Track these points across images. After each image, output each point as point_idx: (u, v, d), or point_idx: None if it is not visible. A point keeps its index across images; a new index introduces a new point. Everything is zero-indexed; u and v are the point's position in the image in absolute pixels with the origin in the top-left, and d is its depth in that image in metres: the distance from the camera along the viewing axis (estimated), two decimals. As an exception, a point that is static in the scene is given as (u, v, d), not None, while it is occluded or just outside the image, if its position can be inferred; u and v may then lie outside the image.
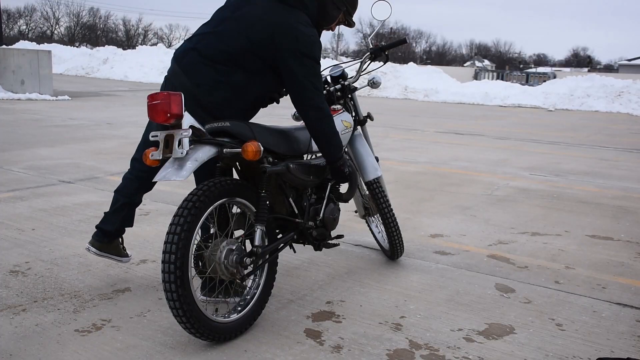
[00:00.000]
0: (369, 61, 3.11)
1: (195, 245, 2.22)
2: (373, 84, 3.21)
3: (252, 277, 2.51)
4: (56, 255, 3.31)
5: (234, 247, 2.32)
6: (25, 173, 5.48)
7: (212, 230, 2.39)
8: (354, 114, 3.12)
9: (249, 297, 2.49)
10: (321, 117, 2.49)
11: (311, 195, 2.77)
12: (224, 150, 2.27)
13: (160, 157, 2.16)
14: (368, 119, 3.20)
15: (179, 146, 2.12)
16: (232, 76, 2.45)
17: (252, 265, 2.39)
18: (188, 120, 2.17)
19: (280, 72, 2.47)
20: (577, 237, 4.06)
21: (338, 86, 3.03)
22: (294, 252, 2.82)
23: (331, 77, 3.07)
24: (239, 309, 2.44)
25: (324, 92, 3.03)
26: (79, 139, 7.79)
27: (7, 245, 3.45)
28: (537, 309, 2.81)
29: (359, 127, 3.18)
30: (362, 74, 3.09)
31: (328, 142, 2.56)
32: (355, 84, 3.16)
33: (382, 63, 3.18)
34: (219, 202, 2.26)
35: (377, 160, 3.15)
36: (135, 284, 2.94)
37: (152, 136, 2.20)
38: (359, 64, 3.13)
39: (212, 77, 2.44)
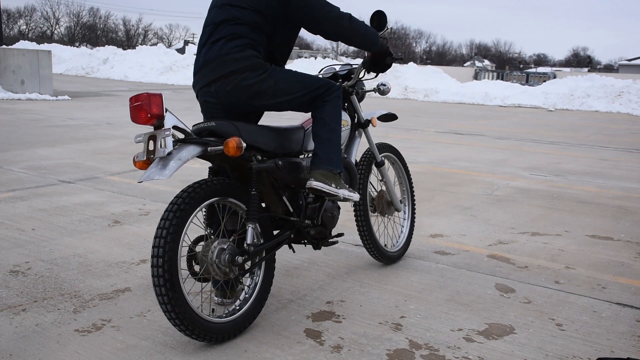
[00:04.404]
0: (364, 69, 3.01)
1: (186, 247, 2.23)
2: (381, 91, 3.20)
3: (248, 276, 2.51)
4: (56, 255, 3.31)
5: (225, 246, 2.32)
6: (25, 173, 5.48)
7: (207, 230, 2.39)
8: (356, 118, 3.11)
9: (247, 296, 2.49)
10: (347, 25, 2.56)
11: (308, 193, 2.76)
12: (209, 148, 2.27)
13: (145, 158, 2.17)
14: (370, 124, 3.19)
15: (161, 146, 2.13)
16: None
17: (245, 264, 2.39)
18: (170, 120, 2.18)
19: (291, 18, 2.53)
20: (577, 237, 4.06)
21: None
22: (293, 252, 2.82)
23: (339, 74, 3.06)
24: (237, 308, 2.44)
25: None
26: (79, 139, 7.79)
27: (7, 245, 3.45)
28: (537, 309, 2.81)
29: (361, 131, 3.17)
30: (359, 79, 3.05)
31: (365, 35, 2.65)
32: (364, 88, 3.15)
33: (374, 75, 3.07)
34: (207, 203, 2.26)
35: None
36: (135, 284, 2.94)
37: (137, 138, 2.21)
38: (356, 69, 3.06)
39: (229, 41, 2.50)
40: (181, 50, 40.12)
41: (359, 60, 3.15)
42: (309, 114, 2.81)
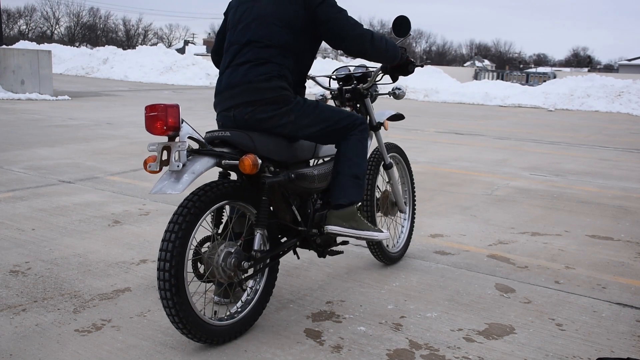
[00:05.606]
0: (382, 73, 2.97)
1: (192, 250, 2.21)
2: (396, 95, 3.18)
3: (251, 281, 2.50)
4: (56, 255, 3.31)
5: (232, 250, 2.31)
6: (25, 173, 5.48)
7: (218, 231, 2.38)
8: (368, 120, 3.10)
9: (249, 298, 2.49)
10: (369, 44, 2.50)
11: (316, 201, 2.74)
12: (223, 162, 2.25)
13: (158, 169, 2.13)
14: (382, 126, 3.19)
15: (175, 159, 2.11)
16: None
17: (250, 270, 2.38)
18: (186, 131, 2.14)
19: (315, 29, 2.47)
20: (577, 237, 4.06)
21: (349, 87, 2.98)
22: (298, 258, 2.77)
23: (353, 75, 3.04)
24: (239, 311, 2.44)
25: (336, 91, 3.02)
26: (79, 139, 7.79)
27: (7, 245, 3.45)
28: (537, 309, 2.81)
29: (372, 133, 3.17)
30: (376, 82, 3.02)
31: (386, 52, 2.60)
32: (377, 91, 3.13)
33: (390, 80, 3.05)
34: (217, 205, 2.25)
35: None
36: (135, 284, 2.94)
37: (150, 147, 2.19)
38: (374, 73, 3.01)
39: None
40: (181, 50, 40.17)
41: (365, 62, 3.14)
42: None
